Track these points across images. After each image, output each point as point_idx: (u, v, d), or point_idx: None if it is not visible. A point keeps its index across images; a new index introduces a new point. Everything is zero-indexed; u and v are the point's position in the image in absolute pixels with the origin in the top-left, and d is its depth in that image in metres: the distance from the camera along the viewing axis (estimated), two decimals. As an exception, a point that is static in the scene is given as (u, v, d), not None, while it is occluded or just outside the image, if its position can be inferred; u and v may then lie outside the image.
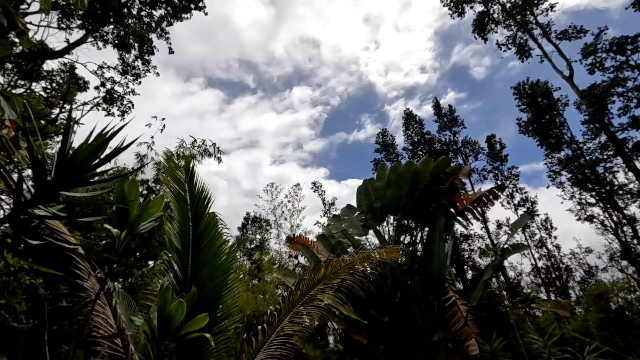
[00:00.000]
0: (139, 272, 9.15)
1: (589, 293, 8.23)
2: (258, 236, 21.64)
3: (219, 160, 8.91)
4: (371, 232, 10.37)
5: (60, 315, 7.15)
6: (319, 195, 21.91)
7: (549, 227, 18.36)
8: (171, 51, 13.75)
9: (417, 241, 9.65)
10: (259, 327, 3.99)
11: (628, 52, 13.59)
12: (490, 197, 8.29)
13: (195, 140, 9.32)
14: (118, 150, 1.81)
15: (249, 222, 24.11)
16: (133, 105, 9.01)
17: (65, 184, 1.61)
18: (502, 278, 16.58)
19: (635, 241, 13.46)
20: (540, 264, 17.67)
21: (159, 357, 2.85)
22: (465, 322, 7.21)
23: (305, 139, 52.34)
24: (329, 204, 22.61)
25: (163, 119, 9.55)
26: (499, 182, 19.45)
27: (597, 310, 8.15)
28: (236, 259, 4.19)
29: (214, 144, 8.85)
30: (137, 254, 11.15)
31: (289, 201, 17.32)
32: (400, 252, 4.97)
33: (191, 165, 3.97)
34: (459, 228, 20.10)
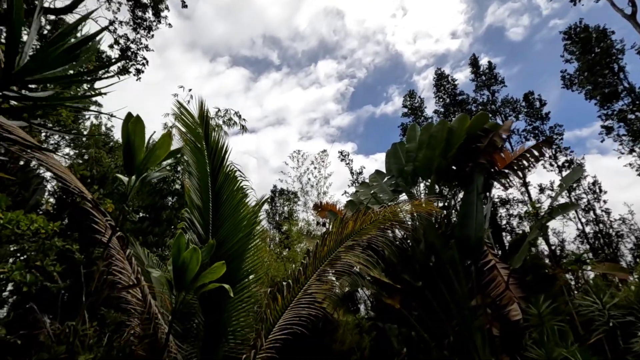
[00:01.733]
0: (171, 241, 9.26)
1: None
2: (286, 208, 21.68)
3: (243, 128, 8.66)
4: (402, 196, 9.90)
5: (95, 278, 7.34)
6: (347, 164, 21.38)
7: (598, 190, 16.91)
8: (184, 5, 13.18)
9: (452, 205, 9.09)
10: (284, 284, 3.76)
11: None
12: (536, 153, 7.52)
13: (219, 110, 9.10)
14: (87, 39, 1.49)
15: (277, 195, 24.19)
16: (147, 62, 8.83)
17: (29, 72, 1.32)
18: (544, 246, 15.67)
19: None
20: (587, 229, 16.46)
21: (176, 309, 2.66)
22: (506, 286, 6.74)
23: (332, 114, 51.43)
24: (357, 173, 22.04)
25: (190, 90, 9.35)
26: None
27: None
28: (258, 217, 3.93)
29: (236, 113, 8.59)
30: (171, 226, 11.33)
31: (315, 168, 16.96)
32: (436, 204, 4.52)
33: (205, 112, 3.67)
34: (496, 193, 19.08)
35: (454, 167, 8.42)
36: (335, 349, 11.00)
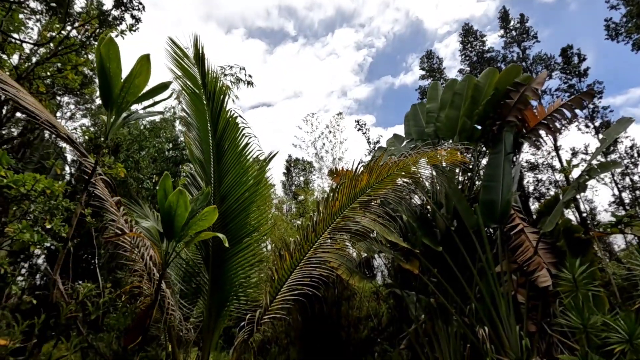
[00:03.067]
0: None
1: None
2: (302, 178, 21.37)
3: (250, 84, 8.21)
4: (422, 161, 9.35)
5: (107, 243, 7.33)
6: (363, 134, 20.68)
7: (636, 154, 15.72)
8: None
9: (477, 167, 8.51)
10: (292, 240, 3.46)
11: None
12: (574, 108, 6.77)
13: (224, 68, 8.64)
14: None
15: (292, 165, 23.86)
16: (144, 7, 8.24)
17: None
18: (572, 216, 14.84)
19: None
20: (623, 196, 15.49)
21: (167, 260, 2.38)
22: (535, 251, 6.28)
23: (350, 86, 49.95)
24: (375, 142, 21.31)
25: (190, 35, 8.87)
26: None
27: None
28: (265, 171, 3.58)
29: (242, 68, 8.11)
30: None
31: (330, 132, 16.34)
32: (462, 154, 4.04)
33: (201, 51, 3.26)
34: (524, 157, 18.02)
35: (479, 127, 7.77)
36: (352, 316, 10.98)
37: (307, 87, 52.38)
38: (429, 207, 8.23)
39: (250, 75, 8.65)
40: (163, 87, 2.50)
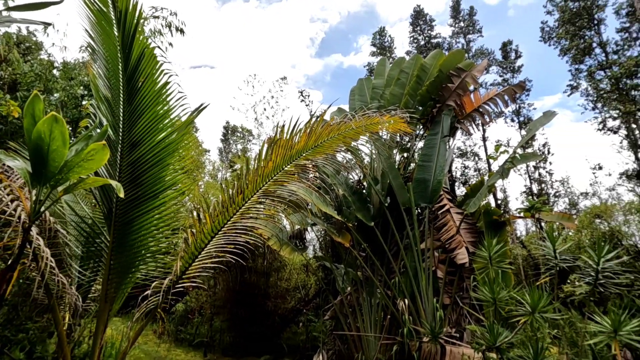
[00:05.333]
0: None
1: (587, 213, 7.83)
2: (240, 146, 20.34)
3: (181, 32, 7.26)
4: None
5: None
6: (306, 105, 20.19)
7: (547, 152, 17.82)
8: None
9: (414, 147, 8.71)
10: (214, 201, 3.05)
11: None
12: (506, 97, 7.15)
13: (154, 9, 7.50)
14: None
15: (230, 132, 22.61)
16: None
17: None
18: (491, 201, 16.42)
19: None
20: (533, 188, 17.56)
21: (36, 210, 1.84)
22: (457, 230, 6.64)
23: (300, 59, 48.39)
24: (318, 116, 20.90)
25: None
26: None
27: (591, 231, 7.80)
28: (191, 120, 3.06)
29: (174, 13, 7.11)
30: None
31: (272, 97, 15.51)
32: (406, 123, 3.93)
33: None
34: (455, 143, 19.27)
35: (420, 107, 7.87)
36: (281, 286, 10.94)
37: (256, 54, 49.62)
38: (365, 183, 8.28)
39: (183, 23, 7.64)
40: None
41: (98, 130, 3.14)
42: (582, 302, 4.53)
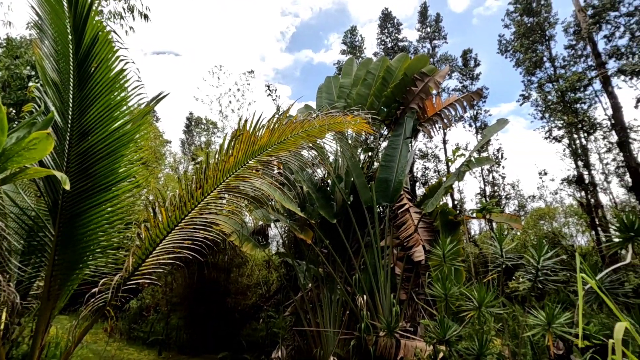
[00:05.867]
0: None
1: (533, 215, 8.46)
2: (203, 139, 19.68)
3: (146, 18, 6.91)
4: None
5: None
6: (273, 100, 19.91)
7: (500, 157, 19.01)
8: None
9: (378, 147, 8.92)
10: (170, 195, 2.96)
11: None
12: (465, 103, 7.53)
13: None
14: None
15: (193, 123, 21.82)
16: None
17: None
18: (448, 202, 17.26)
19: (588, 170, 14.39)
20: (487, 190, 18.70)
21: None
22: (415, 229, 6.91)
23: (270, 52, 47.57)
24: (282, 113, 20.65)
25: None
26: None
27: (536, 231, 8.42)
28: (149, 109, 2.93)
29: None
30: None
31: (238, 90, 15.12)
32: (368, 124, 4.02)
33: None
34: (417, 144, 20.04)
35: (384, 109, 8.07)
36: (242, 283, 10.80)
37: (224, 43, 48.19)
38: (329, 180, 8.37)
39: (148, 8, 7.25)
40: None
41: (43, 117, 2.93)
42: (524, 297, 4.91)
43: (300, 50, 51.49)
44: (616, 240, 3.66)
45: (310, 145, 3.90)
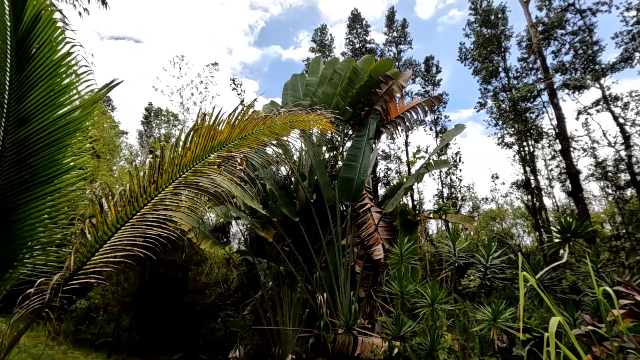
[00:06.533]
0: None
1: (485, 216, 8.98)
2: (163, 131, 18.77)
3: (105, 4, 6.49)
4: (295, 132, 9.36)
5: None
6: (238, 94, 19.45)
7: (458, 160, 19.97)
8: None
9: (342, 147, 9.01)
10: (120, 190, 2.80)
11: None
12: (426, 107, 7.80)
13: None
14: None
15: (152, 114, 20.77)
16: None
17: None
18: (408, 202, 17.85)
19: (535, 175, 15.57)
20: (444, 191, 19.58)
21: None
22: (375, 228, 7.06)
23: (238, 46, 46.27)
24: (249, 106, 20.15)
25: None
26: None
27: (487, 231, 8.93)
28: (99, 97, 2.74)
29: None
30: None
31: (201, 82, 14.56)
32: (332, 123, 4.04)
33: None
34: (380, 145, 20.54)
35: (350, 109, 8.17)
36: (201, 281, 10.49)
37: (189, 33, 46.16)
38: (292, 178, 8.34)
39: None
40: None
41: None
42: (475, 293, 5.19)
43: (269, 46, 50.67)
44: (556, 240, 3.98)
45: (274, 142, 3.85)
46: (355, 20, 22.43)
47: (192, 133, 2.86)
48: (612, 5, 14.64)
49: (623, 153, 13.59)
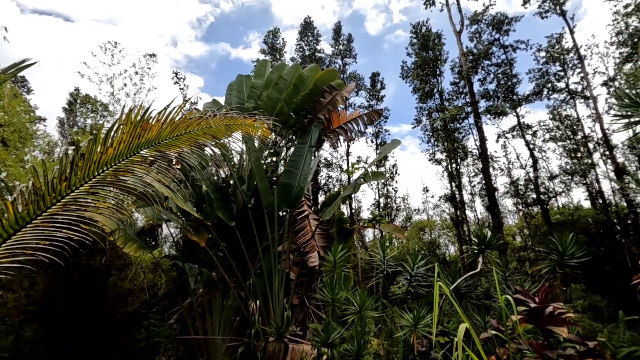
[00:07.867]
0: None
1: (415, 225, 9.56)
2: (90, 121, 17.02)
3: None
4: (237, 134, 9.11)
5: None
6: (180, 89, 18.42)
7: (395, 172, 21.11)
8: None
9: (283, 152, 8.98)
10: (20, 186, 2.47)
11: (503, 31, 16.06)
12: (366, 119, 8.12)
13: None
14: None
15: (77, 101, 18.74)
16: None
17: None
18: (346, 210, 18.37)
19: (459, 190, 17.11)
20: (381, 201, 20.53)
21: None
22: (312, 235, 7.13)
23: (183, 38, 43.92)
24: (192, 103, 19.24)
25: None
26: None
27: (417, 240, 9.52)
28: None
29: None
30: None
31: (136, 72, 13.48)
32: (270, 130, 4.01)
33: None
34: (323, 153, 20.96)
35: (293, 115, 8.20)
36: (124, 287, 9.63)
37: (130, 19, 42.67)
38: (231, 181, 8.09)
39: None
40: None
41: None
42: (403, 300, 5.47)
43: (218, 43, 48.90)
44: (473, 251, 4.38)
45: (212, 143, 3.71)
46: (307, 28, 22.74)
47: (114, 128, 2.63)
48: (528, 45, 16.86)
49: (532, 174, 15.53)
